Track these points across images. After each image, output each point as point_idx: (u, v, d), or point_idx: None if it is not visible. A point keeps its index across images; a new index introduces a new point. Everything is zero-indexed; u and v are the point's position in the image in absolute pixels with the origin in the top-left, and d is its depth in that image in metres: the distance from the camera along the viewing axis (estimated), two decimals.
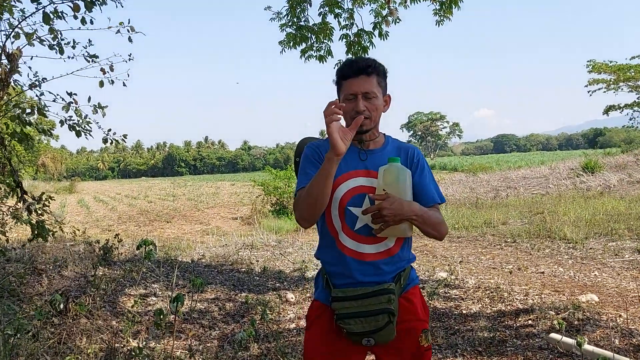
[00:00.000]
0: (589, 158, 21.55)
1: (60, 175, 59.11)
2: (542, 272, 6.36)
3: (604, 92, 29.03)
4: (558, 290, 5.34)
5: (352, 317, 1.75)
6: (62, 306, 3.77)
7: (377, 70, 1.83)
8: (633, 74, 27.05)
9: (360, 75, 1.80)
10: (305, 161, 1.90)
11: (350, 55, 5.66)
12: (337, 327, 1.79)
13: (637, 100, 29.41)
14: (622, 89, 28.94)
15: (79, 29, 3.99)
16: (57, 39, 4.27)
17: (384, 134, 1.98)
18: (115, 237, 6.43)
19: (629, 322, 4.06)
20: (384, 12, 5.54)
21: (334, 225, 1.85)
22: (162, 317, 3.43)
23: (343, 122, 1.72)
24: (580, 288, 5.45)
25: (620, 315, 4.24)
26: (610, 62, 27.54)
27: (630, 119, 30.56)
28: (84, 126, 4.27)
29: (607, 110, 29.96)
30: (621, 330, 3.85)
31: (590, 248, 7.75)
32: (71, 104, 4.09)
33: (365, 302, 1.76)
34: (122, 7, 3.92)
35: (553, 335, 3.66)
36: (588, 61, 27.90)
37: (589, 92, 29.23)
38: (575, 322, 4.07)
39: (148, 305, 4.98)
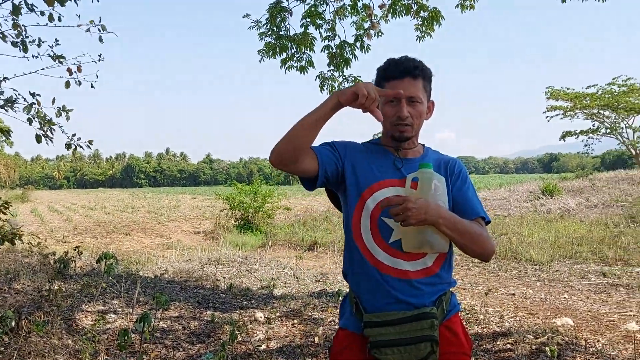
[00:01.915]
0: (547, 182, 22.06)
1: (13, 184, 56.72)
2: (513, 294, 6.34)
3: (561, 118, 30.20)
4: (532, 313, 5.30)
5: (389, 345, 1.53)
6: (13, 323, 3.44)
7: (424, 74, 1.66)
8: (589, 102, 28.20)
9: (405, 78, 1.62)
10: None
11: (332, 67, 5.55)
12: (371, 358, 1.57)
13: (592, 128, 30.67)
14: (578, 116, 30.18)
15: (46, 25, 3.72)
16: (21, 36, 3.98)
17: (423, 144, 1.81)
18: (75, 249, 6.02)
19: (609, 347, 4.01)
20: (366, 25, 5.46)
21: (364, 238, 1.64)
22: (126, 338, 3.17)
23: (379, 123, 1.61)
24: (553, 311, 5.42)
25: (598, 341, 4.19)
26: (568, 89, 28.68)
27: (585, 146, 31.76)
28: (46, 129, 3.95)
29: (564, 136, 31.07)
30: (602, 356, 3.79)
31: (557, 270, 7.82)
32: (33, 105, 3.79)
33: (405, 328, 1.54)
34: (98, 1, 3.67)
35: None
36: (547, 87, 29.04)
37: (546, 117, 30.39)
38: (556, 347, 3.99)
39: (107, 322, 4.64)
